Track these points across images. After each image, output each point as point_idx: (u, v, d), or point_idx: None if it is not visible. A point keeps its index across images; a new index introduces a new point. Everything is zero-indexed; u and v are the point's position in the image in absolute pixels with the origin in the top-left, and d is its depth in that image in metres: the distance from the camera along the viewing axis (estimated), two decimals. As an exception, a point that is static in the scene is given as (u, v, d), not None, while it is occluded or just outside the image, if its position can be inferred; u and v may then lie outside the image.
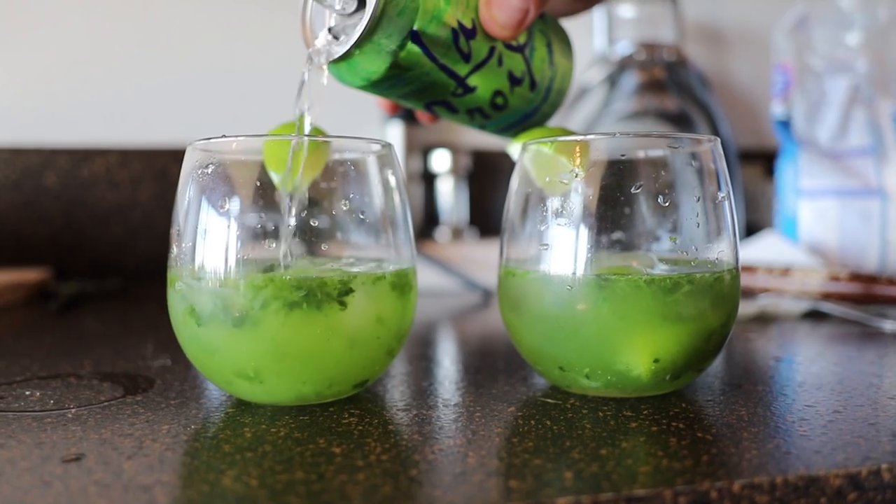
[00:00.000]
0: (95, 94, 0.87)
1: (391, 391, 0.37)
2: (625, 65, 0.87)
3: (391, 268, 0.34)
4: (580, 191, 0.33)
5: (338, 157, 0.35)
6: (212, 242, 0.32)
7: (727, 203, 0.35)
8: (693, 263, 0.34)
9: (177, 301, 0.33)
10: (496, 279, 0.38)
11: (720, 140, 0.35)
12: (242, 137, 0.33)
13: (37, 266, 0.83)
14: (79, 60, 0.87)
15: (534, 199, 0.35)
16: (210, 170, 0.33)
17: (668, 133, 0.39)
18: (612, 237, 0.33)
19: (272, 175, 0.33)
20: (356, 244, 0.36)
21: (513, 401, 0.34)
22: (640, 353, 0.32)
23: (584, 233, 0.33)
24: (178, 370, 0.40)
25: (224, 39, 0.90)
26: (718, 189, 0.34)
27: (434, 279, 0.76)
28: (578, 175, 0.33)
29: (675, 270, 0.33)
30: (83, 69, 0.87)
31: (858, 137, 0.78)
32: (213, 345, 0.32)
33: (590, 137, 0.33)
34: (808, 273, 0.61)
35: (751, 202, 0.98)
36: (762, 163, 1.00)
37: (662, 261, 0.34)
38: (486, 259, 0.76)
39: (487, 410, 0.33)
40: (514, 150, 0.38)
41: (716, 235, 0.34)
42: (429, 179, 0.94)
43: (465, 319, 0.63)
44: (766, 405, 0.33)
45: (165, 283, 0.34)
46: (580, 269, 0.33)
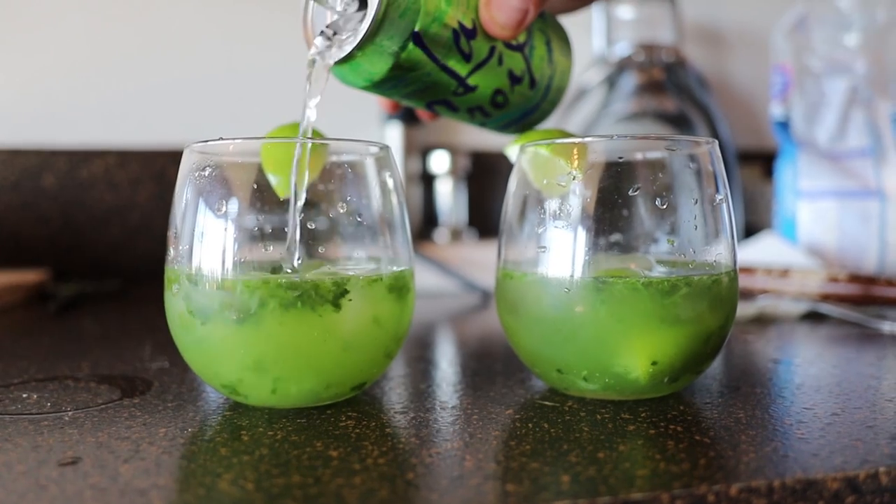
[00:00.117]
0: (94, 95, 0.87)
1: (389, 393, 0.37)
2: (623, 66, 0.87)
3: (388, 270, 0.34)
4: (578, 193, 0.33)
5: (335, 160, 0.35)
6: (209, 244, 0.32)
7: (725, 205, 0.35)
8: (691, 266, 0.34)
9: (173, 303, 0.33)
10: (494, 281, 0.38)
11: (719, 141, 0.35)
12: (240, 140, 0.33)
13: (35, 267, 0.83)
14: (78, 61, 0.87)
15: (532, 202, 0.35)
16: (207, 172, 0.33)
17: (666, 135, 0.39)
18: (610, 239, 0.33)
19: (269, 178, 0.33)
20: (353, 246, 0.35)
21: (510, 403, 0.34)
22: (638, 356, 0.32)
23: (582, 235, 0.33)
24: (176, 372, 0.40)
25: (223, 40, 0.90)
26: (716, 191, 0.34)
27: (433, 280, 0.76)
28: (576, 177, 0.33)
29: (673, 273, 0.33)
30: (82, 70, 0.87)
31: (857, 138, 0.77)
32: (210, 348, 0.32)
33: (587, 139, 0.33)
34: (807, 274, 0.61)
35: (750, 203, 0.98)
36: (761, 164, 1.00)
37: (660, 263, 0.34)
38: (485, 260, 0.76)
39: (485, 413, 0.33)
40: (512, 152, 0.38)
41: (714, 237, 0.34)
42: (428, 180, 0.94)
43: (464, 321, 0.63)
44: (765, 407, 0.33)
45: (163, 285, 0.34)
46: (578, 272, 0.33)
